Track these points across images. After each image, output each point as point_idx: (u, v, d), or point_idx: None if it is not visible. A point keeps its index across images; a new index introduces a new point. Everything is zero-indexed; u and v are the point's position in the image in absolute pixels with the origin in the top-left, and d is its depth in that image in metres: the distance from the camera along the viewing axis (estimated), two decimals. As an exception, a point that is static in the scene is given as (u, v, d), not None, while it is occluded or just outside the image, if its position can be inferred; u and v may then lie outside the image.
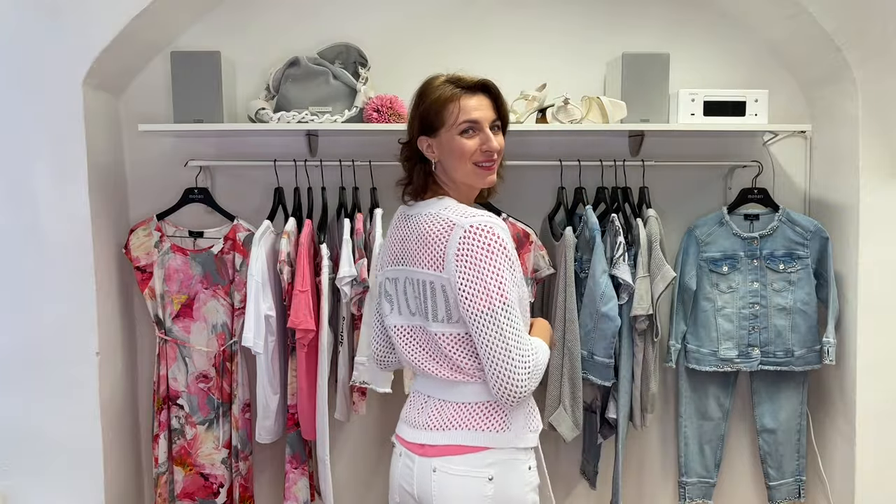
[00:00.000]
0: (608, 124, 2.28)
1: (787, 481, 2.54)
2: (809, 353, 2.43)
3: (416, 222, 1.53)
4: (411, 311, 1.55)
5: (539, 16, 2.52)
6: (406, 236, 1.55)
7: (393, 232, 1.62)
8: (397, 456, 1.62)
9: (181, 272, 2.38)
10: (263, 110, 2.28)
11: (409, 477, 1.56)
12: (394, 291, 1.59)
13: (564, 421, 2.33)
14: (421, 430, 1.55)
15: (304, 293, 2.19)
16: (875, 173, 2.32)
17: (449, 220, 1.46)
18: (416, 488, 1.54)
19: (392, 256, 1.59)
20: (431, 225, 1.48)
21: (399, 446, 1.61)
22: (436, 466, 1.51)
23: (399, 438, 1.62)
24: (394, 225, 1.63)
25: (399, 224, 1.60)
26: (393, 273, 1.59)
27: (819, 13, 2.25)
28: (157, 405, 2.40)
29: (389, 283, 1.60)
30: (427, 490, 1.51)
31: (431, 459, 1.52)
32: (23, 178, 2.18)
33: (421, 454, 1.54)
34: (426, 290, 1.50)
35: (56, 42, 2.14)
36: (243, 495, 2.43)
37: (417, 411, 1.59)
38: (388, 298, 1.61)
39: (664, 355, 2.51)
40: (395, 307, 1.60)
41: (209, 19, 2.45)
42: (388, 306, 1.62)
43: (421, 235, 1.50)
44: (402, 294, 1.57)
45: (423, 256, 1.49)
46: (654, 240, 2.33)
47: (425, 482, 1.52)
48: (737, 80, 2.53)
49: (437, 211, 1.50)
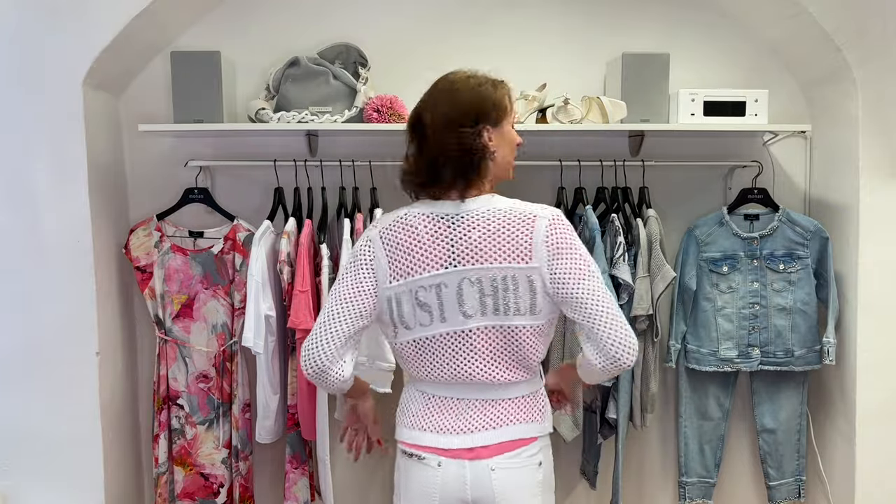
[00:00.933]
0: (608, 124, 2.28)
1: (787, 481, 2.54)
2: (809, 353, 2.43)
3: (481, 220, 1.50)
4: (484, 311, 1.51)
5: (539, 16, 2.52)
6: (463, 236, 1.49)
7: (424, 237, 1.51)
8: (432, 468, 1.55)
9: (181, 272, 2.38)
10: (263, 110, 2.28)
11: (460, 484, 1.54)
12: (438, 298, 1.51)
13: (564, 421, 2.34)
14: (467, 434, 1.55)
15: (304, 293, 2.19)
16: (875, 173, 2.32)
17: (528, 212, 1.51)
18: (471, 493, 1.54)
19: (434, 261, 1.50)
20: (509, 219, 1.50)
21: (434, 457, 1.55)
22: (493, 466, 1.53)
23: (432, 450, 1.56)
24: (423, 230, 1.51)
25: (439, 226, 1.51)
26: (436, 279, 1.50)
27: (819, 13, 2.25)
28: (157, 405, 2.40)
29: (427, 291, 1.51)
30: (488, 491, 1.53)
31: (487, 460, 1.54)
32: (23, 178, 2.18)
33: (472, 458, 1.54)
34: (507, 284, 1.49)
35: (56, 42, 2.14)
36: (243, 495, 2.43)
37: (454, 417, 1.56)
38: (426, 308, 1.52)
39: (664, 355, 2.51)
40: (442, 314, 1.52)
41: (209, 19, 2.45)
42: (425, 316, 1.52)
43: (496, 231, 1.49)
44: (461, 297, 1.50)
45: (503, 251, 1.49)
46: (654, 240, 2.33)
47: (484, 484, 1.53)
48: (737, 80, 2.53)
49: (506, 206, 1.52)
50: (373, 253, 1.53)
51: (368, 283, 1.53)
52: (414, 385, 1.65)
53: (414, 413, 1.61)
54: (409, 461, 1.59)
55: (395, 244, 1.52)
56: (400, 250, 1.52)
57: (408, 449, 1.59)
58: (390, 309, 1.54)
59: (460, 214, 1.51)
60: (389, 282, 1.52)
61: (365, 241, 1.56)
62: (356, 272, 1.54)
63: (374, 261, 1.53)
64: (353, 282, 1.53)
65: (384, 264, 1.52)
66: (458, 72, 1.58)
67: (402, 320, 1.54)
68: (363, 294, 1.53)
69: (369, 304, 1.53)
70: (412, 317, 1.53)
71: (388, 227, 1.54)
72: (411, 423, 1.61)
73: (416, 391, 1.64)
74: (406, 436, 1.61)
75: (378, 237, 1.54)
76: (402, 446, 1.62)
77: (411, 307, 1.53)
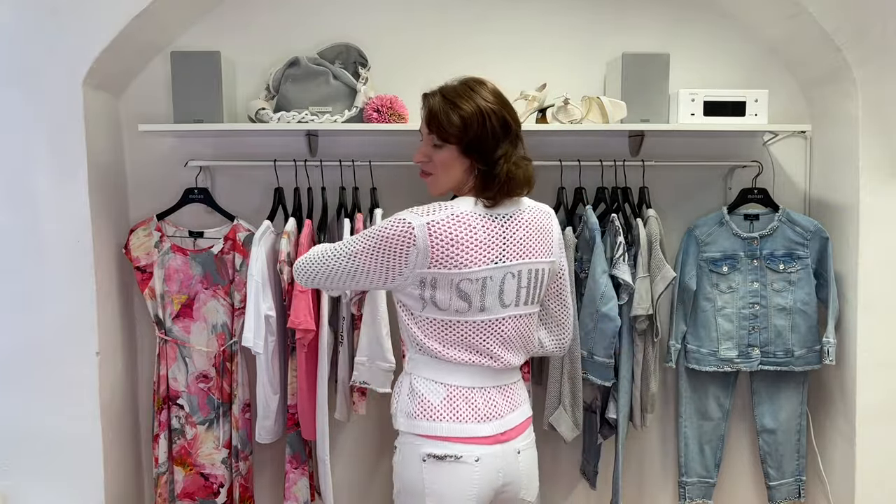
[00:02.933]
0: (608, 124, 2.28)
1: (787, 481, 2.54)
2: (809, 353, 2.43)
3: (523, 218, 1.61)
4: (518, 301, 1.61)
5: (539, 16, 2.52)
6: (512, 234, 1.58)
7: (481, 235, 1.54)
8: (469, 464, 1.56)
9: (181, 272, 2.38)
10: (263, 110, 2.28)
11: (494, 473, 1.59)
12: (482, 290, 1.55)
13: (564, 421, 2.34)
14: (497, 419, 1.61)
15: (304, 293, 2.19)
16: (875, 173, 2.32)
17: (544, 209, 1.67)
18: (502, 479, 1.60)
19: (486, 257, 1.54)
20: (539, 217, 1.64)
21: (470, 452, 1.56)
22: (519, 448, 1.64)
23: (471, 440, 1.56)
24: (480, 228, 1.54)
25: (495, 225, 1.56)
26: (484, 273, 1.54)
27: (819, 13, 2.25)
28: (157, 405, 2.40)
29: (472, 283, 1.54)
30: (515, 475, 1.62)
31: (514, 443, 1.62)
32: (23, 178, 2.18)
33: (505, 440, 1.61)
34: (538, 276, 1.63)
35: (56, 42, 2.14)
36: (243, 495, 2.43)
37: (482, 403, 1.60)
38: (466, 298, 1.55)
39: (664, 355, 2.51)
40: (482, 303, 1.56)
41: (209, 19, 2.45)
42: (463, 305, 1.55)
43: (534, 228, 1.62)
44: (502, 289, 1.57)
45: (539, 246, 1.63)
46: (654, 240, 2.33)
47: (513, 468, 1.62)
48: (737, 80, 2.53)
49: (531, 204, 1.65)
50: (413, 240, 1.51)
51: (392, 268, 1.54)
52: (428, 377, 1.61)
53: (438, 404, 1.58)
54: (440, 464, 1.56)
55: (448, 239, 1.51)
56: (452, 245, 1.51)
57: (437, 451, 1.56)
58: (422, 288, 1.55)
59: (510, 213, 1.59)
60: (428, 267, 1.52)
61: (405, 227, 1.51)
62: (384, 255, 1.53)
63: (412, 248, 1.51)
64: (375, 263, 1.55)
65: (425, 254, 1.51)
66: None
67: (434, 302, 1.56)
68: (374, 279, 1.58)
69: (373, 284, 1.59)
70: (446, 302, 1.55)
71: (440, 221, 1.52)
72: (438, 414, 1.58)
73: (432, 383, 1.60)
74: (436, 429, 1.57)
75: (425, 228, 1.51)
76: (426, 444, 1.57)
77: (448, 294, 1.54)
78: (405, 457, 1.61)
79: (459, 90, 1.57)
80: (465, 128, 1.55)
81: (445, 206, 1.55)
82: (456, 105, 1.55)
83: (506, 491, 1.62)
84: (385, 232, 1.52)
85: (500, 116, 1.56)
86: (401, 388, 1.67)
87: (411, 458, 1.59)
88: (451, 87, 1.59)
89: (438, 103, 1.57)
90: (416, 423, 1.59)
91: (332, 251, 1.59)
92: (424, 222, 1.51)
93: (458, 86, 1.59)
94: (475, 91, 1.57)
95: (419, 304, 1.57)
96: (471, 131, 1.55)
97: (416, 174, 2.46)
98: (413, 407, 1.61)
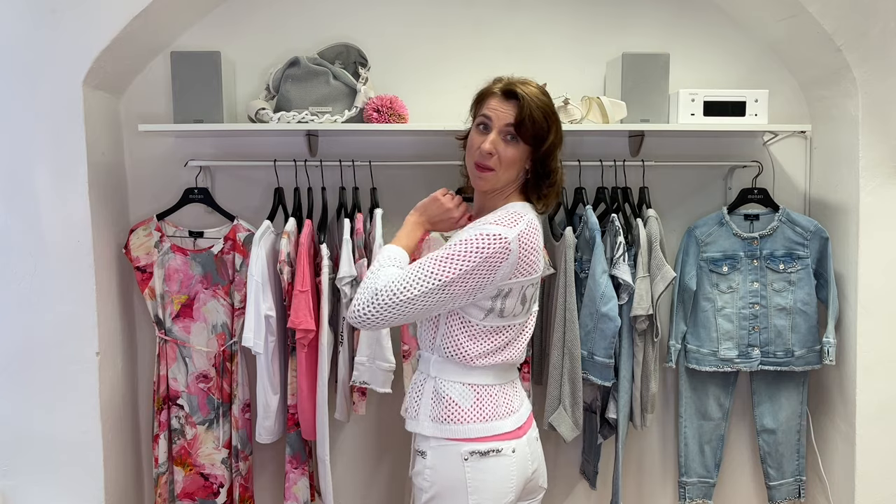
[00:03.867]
0: (608, 124, 2.28)
1: (787, 481, 2.54)
2: (809, 353, 2.44)
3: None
4: (535, 299, 1.72)
5: (539, 16, 2.52)
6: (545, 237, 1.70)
7: (541, 240, 1.64)
8: (508, 456, 1.60)
9: (181, 272, 2.38)
10: (263, 110, 2.28)
11: (527, 461, 1.65)
12: (534, 293, 1.67)
13: (564, 421, 2.33)
14: (514, 414, 1.65)
15: (304, 293, 2.19)
16: (875, 173, 2.32)
17: None
18: (531, 467, 1.66)
19: (542, 261, 1.67)
20: None
21: (507, 445, 1.60)
22: (537, 435, 1.72)
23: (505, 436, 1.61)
24: (541, 233, 1.64)
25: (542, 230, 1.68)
26: (539, 276, 1.65)
27: (819, 13, 2.25)
28: (157, 405, 2.40)
29: (534, 287, 1.65)
30: (540, 462, 1.71)
31: (531, 432, 1.69)
32: (23, 178, 2.18)
33: (527, 430, 1.67)
34: None
35: (56, 42, 2.14)
36: (243, 495, 2.43)
37: (508, 398, 1.66)
38: (524, 301, 1.63)
39: (664, 355, 2.51)
40: (530, 306, 1.67)
41: (209, 19, 2.45)
42: (520, 308, 1.63)
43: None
44: (536, 290, 1.69)
45: None
46: (654, 240, 2.33)
47: (537, 455, 1.70)
48: (737, 80, 2.54)
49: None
50: (508, 254, 1.51)
51: (480, 287, 1.52)
52: (458, 380, 1.61)
53: (468, 408, 1.59)
54: (484, 460, 1.57)
55: (531, 247, 1.56)
56: (534, 252, 1.57)
57: (480, 447, 1.57)
58: (494, 300, 1.56)
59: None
60: (510, 278, 1.54)
61: (503, 243, 1.50)
62: (479, 275, 1.50)
63: (506, 262, 1.51)
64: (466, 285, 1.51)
65: (513, 265, 1.53)
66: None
67: (501, 310, 1.59)
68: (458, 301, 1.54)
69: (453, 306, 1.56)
70: (511, 308, 1.59)
71: (525, 231, 1.54)
72: (469, 417, 1.59)
73: (462, 386, 1.61)
74: (468, 431, 1.58)
75: (517, 240, 1.52)
76: (464, 445, 1.58)
77: (515, 300, 1.59)
78: (441, 460, 1.59)
79: (543, 93, 1.58)
80: (549, 132, 1.57)
81: (521, 215, 1.57)
82: (547, 107, 1.57)
83: (533, 479, 1.67)
84: (485, 252, 1.49)
85: (560, 128, 1.61)
86: (422, 391, 1.65)
87: (450, 459, 1.58)
88: (534, 86, 1.59)
89: (531, 100, 1.54)
90: (448, 428, 1.59)
91: (420, 288, 1.48)
92: (516, 234, 1.52)
93: (538, 88, 1.59)
94: (549, 98, 1.60)
95: (482, 314, 1.58)
96: (551, 136, 1.58)
97: (416, 174, 2.48)
98: (441, 411, 1.60)
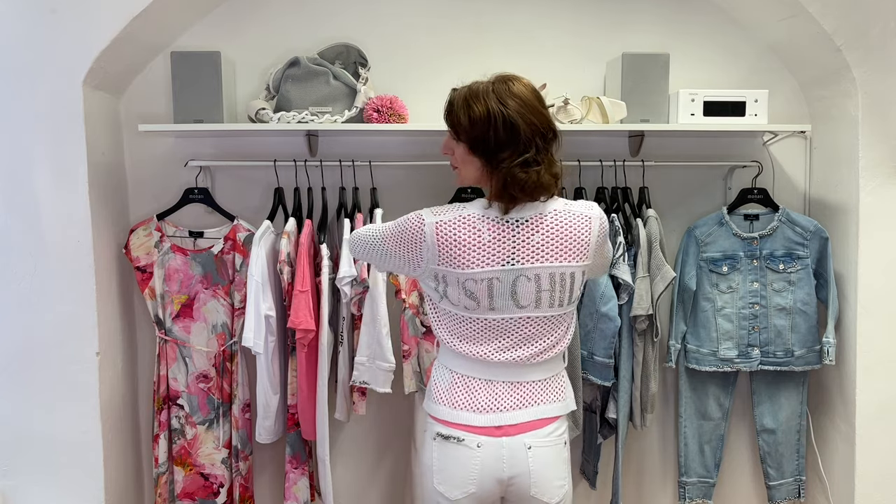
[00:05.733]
0: (608, 124, 2.28)
1: (787, 481, 2.54)
2: (809, 353, 2.44)
3: (544, 222, 1.59)
4: (539, 304, 1.60)
5: (539, 16, 2.52)
6: (526, 238, 1.57)
7: (486, 239, 1.56)
8: (472, 448, 1.61)
9: (181, 272, 2.38)
10: (263, 110, 2.28)
11: (498, 463, 1.61)
12: (489, 291, 1.57)
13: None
14: (495, 412, 1.62)
15: (304, 293, 2.19)
16: (875, 173, 2.32)
17: (582, 213, 1.63)
18: (507, 471, 1.61)
19: (491, 260, 1.56)
20: (568, 221, 1.61)
21: (473, 438, 1.61)
22: (529, 443, 1.62)
23: (464, 427, 1.62)
24: (486, 232, 1.56)
25: (503, 229, 1.57)
26: (489, 275, 1.56)
27: (819, 13, 2.25)
28: (158, 405, 2.40)
29: (477, 283, 1.56)
30: (524, 468, 1.62)
31: (523, 437, 1.62)
32: (23, 178, 2.18)
33: (501, 435, 1.61)
34: (566, 280, 1.61)
35: (56, 42, 2.14)
36: (243, 495, 2.43)
37: (484, 396, 1.63)
38: (473, 297, 1.58)
39: (664, 355, 2.51)
40: (491, 303, 1.58)
41: (209, 19, 2.45)
42: (471, 303, 1.59)
43: (558, 233, 1.59)
44: (514, 291, 1.58)
45: (565, 251, 1.59)
46: (653, 240, 2.33)
47: (521, 461, 1.62)
48: (737, 80, 2.54)
49: (563, 207, 1.62)
50: (423, 236, 1.58)
51: (411, 259, 1.62)
52: (443, 363, 1.71)
53: (443, 390, 1.67)
54: (446, 444, 1.64)
55: (452, 240, 1.56)
56: (456, 247, 1.56)
57: (444, 431, 1.64)
58: (436, 282, 1.62)
59: (526, 217, 1.58)
60: (437, 264, 1.59)
61: (417, 223, 1.59)
62: (403, 244, 1.62)
63: (423, 243, 1.58)
64: (396, 249, 1.63)
65: (434, 251, 1.58)
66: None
67: (447, 295, 1.62)
68: (401, 264, 1.66)
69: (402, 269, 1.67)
70: (456, 298, 1.61)
71: (447, 222, 1.57)
72: (441, 399, 1.67)
73: (444, 369, 1.69)
74: (438, 412, 1.66)
75: (434, 228, 1.57)
76: (436, 425, 1.66)
77: (457, 292, 1.60)
78: (425, 435, 1.72)
79: (480, 90, 1.58)
80: (471, 128, 1.57)
81: (459, 208, 1.60)
82: (468, 104, 1.57)
83: (513, 484, 1.63)
84: (402, 223, 1.62)
85: (508, 120, 1.53)
86: (433, 372, 1.76)
87: (428, 436, 1.70)
88: (477, 85, 1.60)
89: (457, 99, 1.61)
90: (428, 405, 1.71)
91: (372, 231, 1.69)
92: (434, 221, 1.58)
93: (483, 85, 1.59)
94: (496, 91, 1.56)
95: (437, 296, 1.65)
96: (475, 132, 1.56)
97: (416, 174, 2.49)
98: (430, 389, 1.72)
